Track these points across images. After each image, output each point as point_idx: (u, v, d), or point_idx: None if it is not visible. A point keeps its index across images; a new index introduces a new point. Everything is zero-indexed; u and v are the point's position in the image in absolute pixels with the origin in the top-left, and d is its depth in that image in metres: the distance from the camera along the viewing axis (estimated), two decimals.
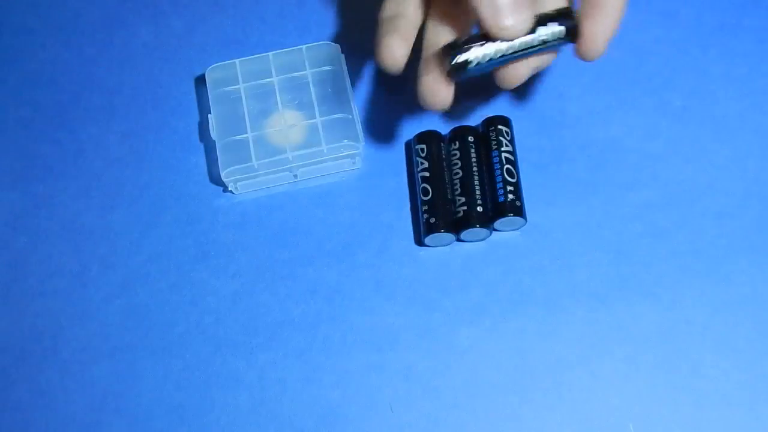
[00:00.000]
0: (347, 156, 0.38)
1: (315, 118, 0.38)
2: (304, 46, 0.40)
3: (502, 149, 0.37)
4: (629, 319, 0.35)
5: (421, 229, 0.37)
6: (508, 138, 0.38)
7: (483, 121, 0.39)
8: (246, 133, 0.38)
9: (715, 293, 0.36)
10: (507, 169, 0.37)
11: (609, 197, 0.38)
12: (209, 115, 0.39)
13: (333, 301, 0.37)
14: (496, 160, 0.37)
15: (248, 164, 0.37)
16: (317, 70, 0.40)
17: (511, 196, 0.36)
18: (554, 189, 0.38)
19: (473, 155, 0.37)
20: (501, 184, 0.36)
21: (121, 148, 0.40)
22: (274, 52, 0.40)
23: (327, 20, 0.43)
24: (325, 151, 0.38)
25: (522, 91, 0.41)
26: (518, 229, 0.37)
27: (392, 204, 0.38)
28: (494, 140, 0.38)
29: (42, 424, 0.35)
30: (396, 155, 0.40)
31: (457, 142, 0.38)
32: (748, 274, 0.36)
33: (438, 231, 0.36)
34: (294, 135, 0.38)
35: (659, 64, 0.41)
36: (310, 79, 0.39)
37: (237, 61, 0.40)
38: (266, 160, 0.37)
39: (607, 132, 0.40)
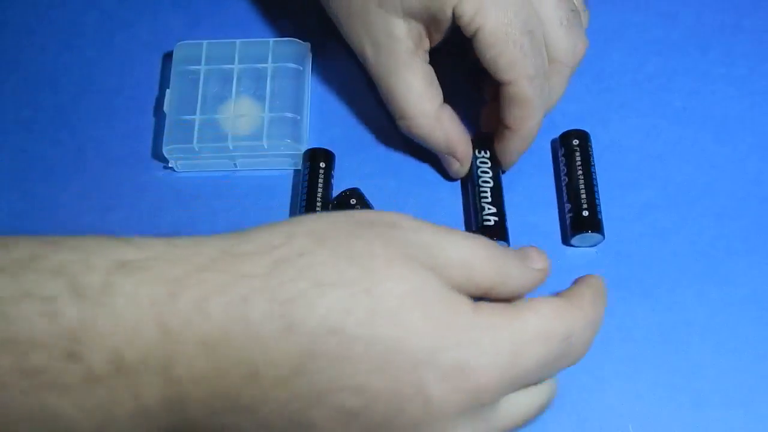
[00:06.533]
0: (288, 155, 0.39)
1: (264, 112, 0.39)
2: (271, 39, 0.40)
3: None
4: (629, 320, 0.35)
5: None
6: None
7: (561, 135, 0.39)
8: (195, 114, 0.38)
9: (715, 293, 0.36)
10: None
11: (609, 197, 0.38)
12: (167, 90, 0.39)
13: None
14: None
15: (189, 145, 0.38)
16: (279, 65, 0.40)
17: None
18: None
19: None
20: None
21: (121, 147, 0.40)
22: (242, 40, 0.40)
23: (310, 19, 0.43)
24: (266, 146, 0.38)
25: None
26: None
27: None
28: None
29: None
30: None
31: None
32: (748, 275, 0.36)
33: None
34: (242, 124, 0.38)
35: (659, 65, 0.41)
36: (269, 73, 0.40)
37: (204, 42, 0.40)
38: (207, 145, 0.38)
39: (607, 132, 0.40)
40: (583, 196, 0.36)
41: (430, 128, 0.36)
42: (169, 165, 0.39)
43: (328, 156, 0.38)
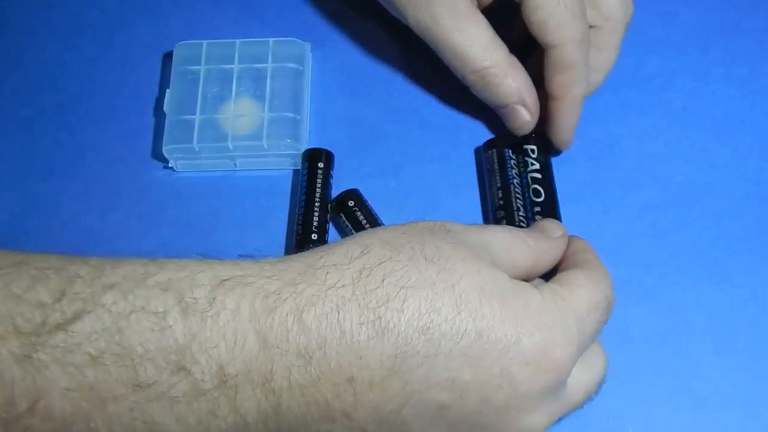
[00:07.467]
0: (287, 155, 0.39)
1: (264, 112, 0.39)
2: (271, 39, 0.40)
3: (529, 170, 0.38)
4: (629, 320, 0.35)
5: None
6: (534, 156, 0.38)
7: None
8: (195, 114, 0.38)
9: (715, 294, 0.36)
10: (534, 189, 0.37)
11: (609, 197, 0.38)
12: (167, 90, 0.39)
13: None
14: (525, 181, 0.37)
15: (189, 145, 0.38)
16: (279, 65, 0.40)
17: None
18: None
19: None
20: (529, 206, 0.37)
21: (121, 147, 0.40)
22: (242, 39, 0.40)
23: (310, 19, 0.43)
24: (266, 146, 0.38)
25: None
26: None
27: None
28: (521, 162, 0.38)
29: None
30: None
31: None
32: (748, 275, 0.36)
33: None
34: (241, 125, 0.38)
35: (659, 65, 0.41)
36: (269, 73, 0.40)
37: (204, 42, 0.40)
38: (207, 145, 0.38)
39: (607, 132, 0.40)
40: (498, 207, 0.36)
41: (503, 76, 0.36)
42: (169, 165, 0.39)
43: (326, 156, 0.38)
